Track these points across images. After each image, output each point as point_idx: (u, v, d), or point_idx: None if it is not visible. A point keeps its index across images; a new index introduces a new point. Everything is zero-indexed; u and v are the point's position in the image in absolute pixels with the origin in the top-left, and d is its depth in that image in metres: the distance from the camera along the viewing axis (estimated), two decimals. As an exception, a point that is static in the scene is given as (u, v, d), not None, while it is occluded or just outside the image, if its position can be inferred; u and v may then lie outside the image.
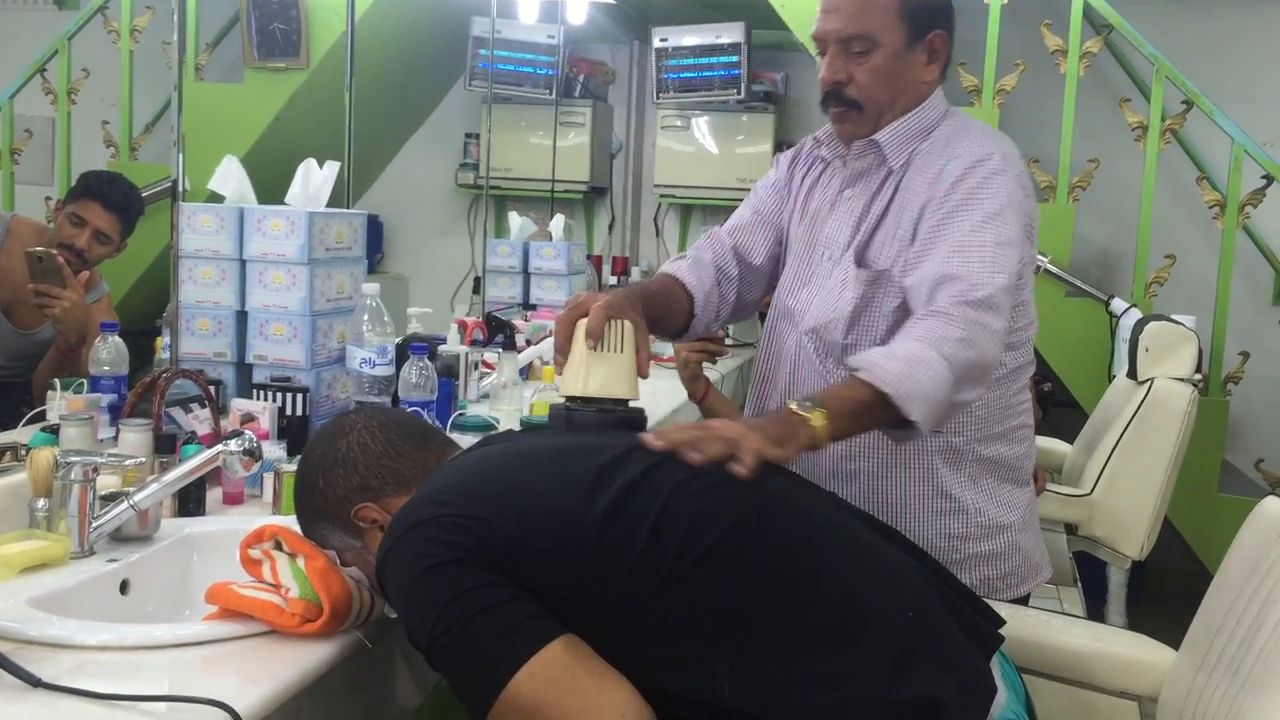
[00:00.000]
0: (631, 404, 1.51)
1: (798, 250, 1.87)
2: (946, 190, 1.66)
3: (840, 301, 1.74)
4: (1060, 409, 4.24)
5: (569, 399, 1.51)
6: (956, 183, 1.66)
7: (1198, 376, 2.77)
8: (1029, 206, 1.72)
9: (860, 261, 1.74)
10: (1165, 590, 3.90)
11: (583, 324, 1.52)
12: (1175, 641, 1.72)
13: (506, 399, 2.86)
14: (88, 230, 2.54)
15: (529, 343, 3.55)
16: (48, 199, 4.29)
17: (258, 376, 2.30)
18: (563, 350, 1.54)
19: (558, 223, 4.53)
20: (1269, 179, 3.95)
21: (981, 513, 1.78)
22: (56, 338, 2.31)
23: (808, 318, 1.80)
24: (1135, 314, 3.60)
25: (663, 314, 1.77)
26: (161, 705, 1.16)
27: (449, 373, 2.76)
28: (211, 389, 2.11)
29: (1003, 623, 1.38)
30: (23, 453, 1.72)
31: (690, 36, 4.79)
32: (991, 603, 1.47)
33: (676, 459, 1.32)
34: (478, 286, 4.19)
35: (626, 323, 1.53)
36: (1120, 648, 1.80)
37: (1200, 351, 2.79)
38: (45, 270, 2.27)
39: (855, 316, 1.72)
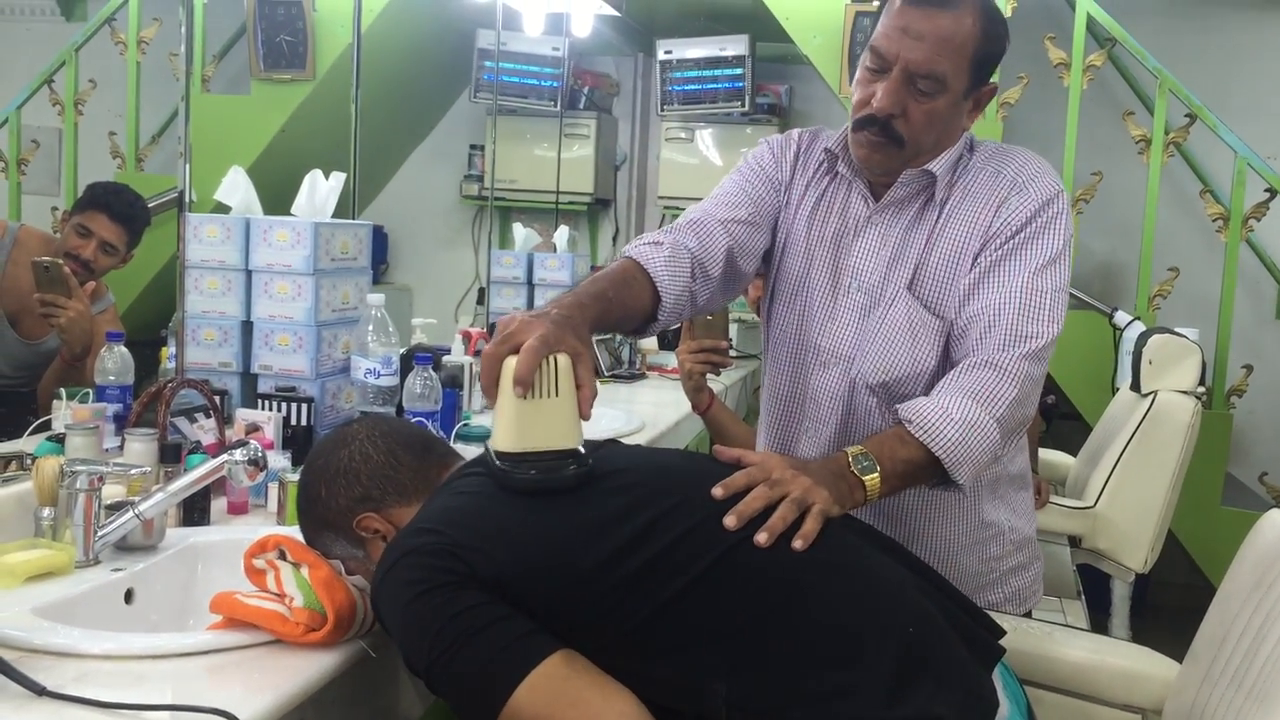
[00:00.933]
0: (578, 450, 1.31)
1: (810, 274, 1.71)
2: (1016, 228, 1.60)
3: (919, 354, 1.63)
4: (1064, 421, 4.23)
5: (500, 455, 1.30)
6: (1027, 222, 1.60)
7: (1201, 389, 2.77)
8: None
9: (927, 306, 1.63)
10: (1168, 603, 3.90)
11: (508, 365, 1.28)
12: (1178, 654, 1.72)
13: (510, 410, 2.86)
14: (94, 241, 2.55)
15: (533, 354, 3.55)
16: (54, 209, 4.30)
17: (263, 386, 2.31)
18: (489, 392, 1.31)
19: (562, 234, 4.53)
20: (1272, 192, 3.95)
21: (1014, 529, 1.77)
22: (61, 347, 2.32)
23: (868, 369, 1.66)
24: (1138, 327, 3.60)
25: (618, 320, 1.54)
26: (165, 714, 1.16)
27: (453, 383, 2.76)
28: (217, 399, 2.12)
29: (1003, 634, 1.38)
30: (28, 462, 1.73)
31: (695, 49, 4.80)
32: (1005, 616, 1.47)
33: (668, 479, 1.32)
34: (482, 297, 4.19)
35: (562, 357, 1.29)
36: (1123, 660, 1.80)
37: (1204, 364, 2.79)
38: (51, 280, 2.27)
39: (938, 375, 1.62)
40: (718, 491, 1.30)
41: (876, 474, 1.42)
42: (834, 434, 1.70)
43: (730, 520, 1.26)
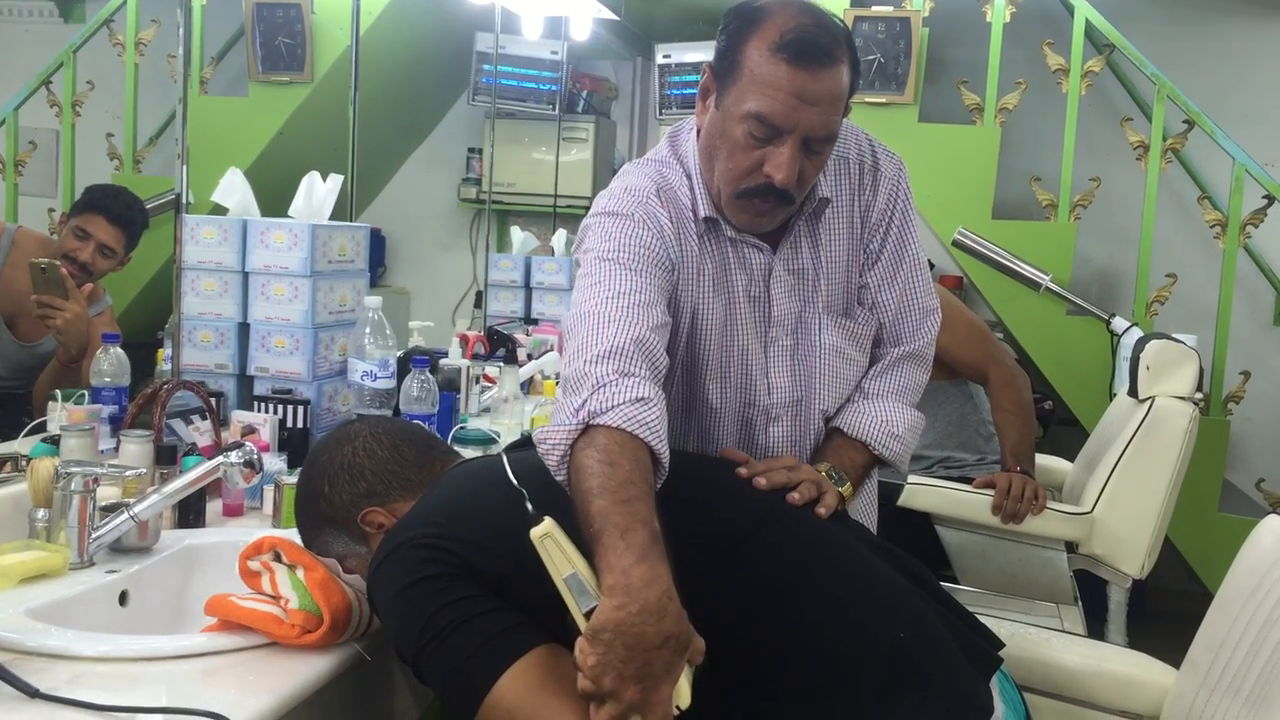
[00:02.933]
0: None
1: (745, 338, 1.60)
2: (885, 214, 1.64)
3: (859, 366, 1.67)
4: (1061, 427, 4.24)
5: None
6: (889, 206, 1.64)
7: (1199, 395, 2.77)
8: None
9: (845, 313, 1.63)
10: (1165, 609, 3.89)
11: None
12: (1175, 661, 1.72)
13: (508, 413, 2.86)
14: (92, 244, 2.54)
15: (530, 357, 3.55)
16: (51, 211, 4.29)
17: (259, 388, 2.30)
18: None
19: (560, 238, 4.53)
20: (1270, 199, 3.95)
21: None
22: (58, 349, 2.32)
23: (829, 401, 1.63)
24: (1136, 332, 3.60)
25: None
26: (160, 717, 1.16)
27: (450, 386, 2.76)
28: (212, 401, 2.12)
29: (1002, 645, 1.38)
30: (23, 463, 1.73)
31: (693, 53, 4.80)
32: (1003, 621, 1.47)
33: (667, 480, 1.32)
34: (479, 301, 4.19)
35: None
36: (1121, 666, 1.80)
37: (1201, 370, 2.79)
38: (49, 281, 2.27)
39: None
40: (742, 471, 1.38)
41: (848, 484, 1.57)
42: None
43: (761, 481, 1.37)
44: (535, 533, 1.15)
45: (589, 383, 1.31)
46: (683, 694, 1.10)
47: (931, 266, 4.65)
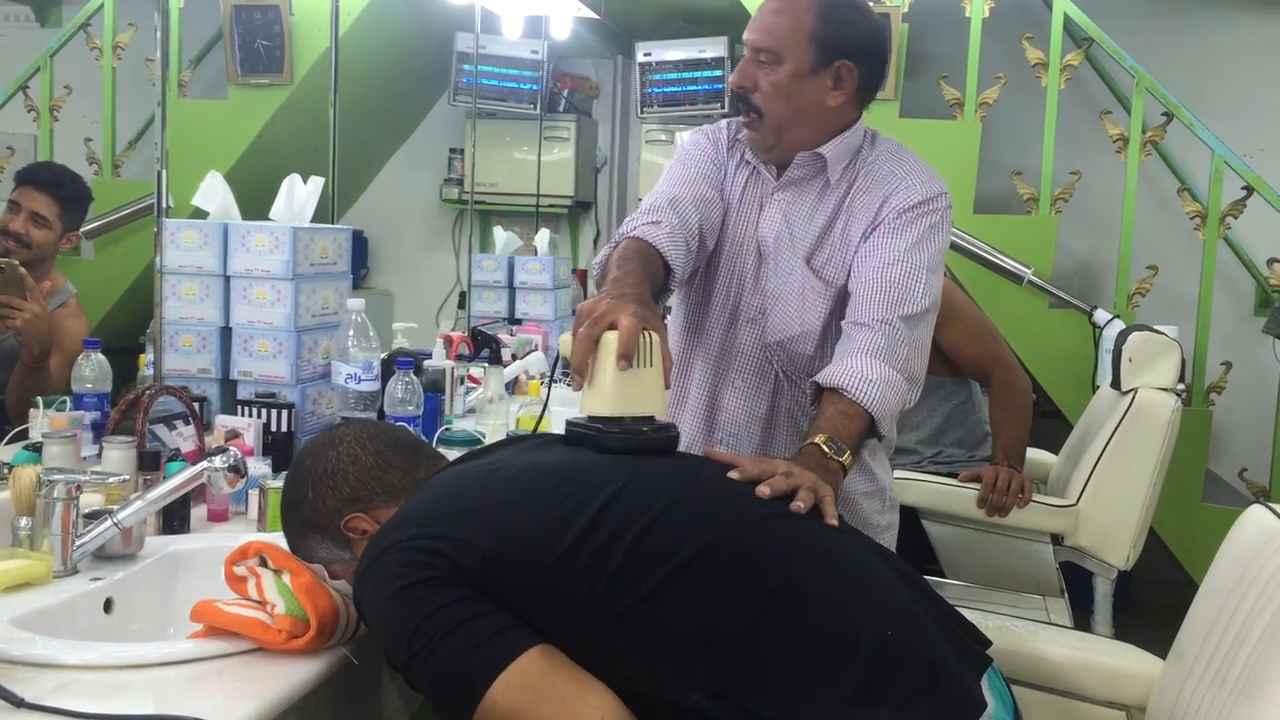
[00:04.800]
0: (659, 419, 1.42)
1: (737, 246, 1.88)
2: (900, 212, 1.78)
3: (806, 316, 1.82)
4: (1045, 419, 4.25)
5: (595, 419, 1.39)
6: (910, 208, 1.79)
7: (1181, 386, 2.78)
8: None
9: (817, 274, 1.82)
10: (1151, 600, 3.92)
11: (608, 339, 1.39)
12: (1161, 651, 1.72)
13: (493, 413, 2.86)
14: (24, 213, 2.53)
15: (515, 357, 3.55)
16: (30, 216, 4.27)
17: (242, 393, 2.29)
18: (582, 369, 1.40)
19: (543, 237, 4.53)
20: (1249, 190, 3.98)
21: (889, 490, 1.95)
22: (20, 350, 2.29)
23: (769, 329, 1.84)
24: (1118, 325, 3.62)
25: (652, 295, 1.64)
26: (146, 724, 1.15)
27: (435, 388, 2.76)
28: (195, 405, 2.11)
29: (989, 644, 1.38)
30: (5, 471, 1.71)
31: (674, 51, 4.80)
32: (990, 614, 1.48)
33: (652, 476, 1.32)
34: (463, 301, 4.19)
35: (655, 335, 1.41)
36: (1107, 658, 1.81)
37: (1183, 361, 2.80)
38: (6, 281, 2.24)
39: (825, 335, 1.83)
40: (735, 475, 1.37)
41: (848, 453, 1.58)
42: (753, 384, 1.87)
43: (764, 490, 1.35)
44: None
45: (629, 224, 1.74)
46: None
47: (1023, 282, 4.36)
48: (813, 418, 1.67)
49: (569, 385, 1.49)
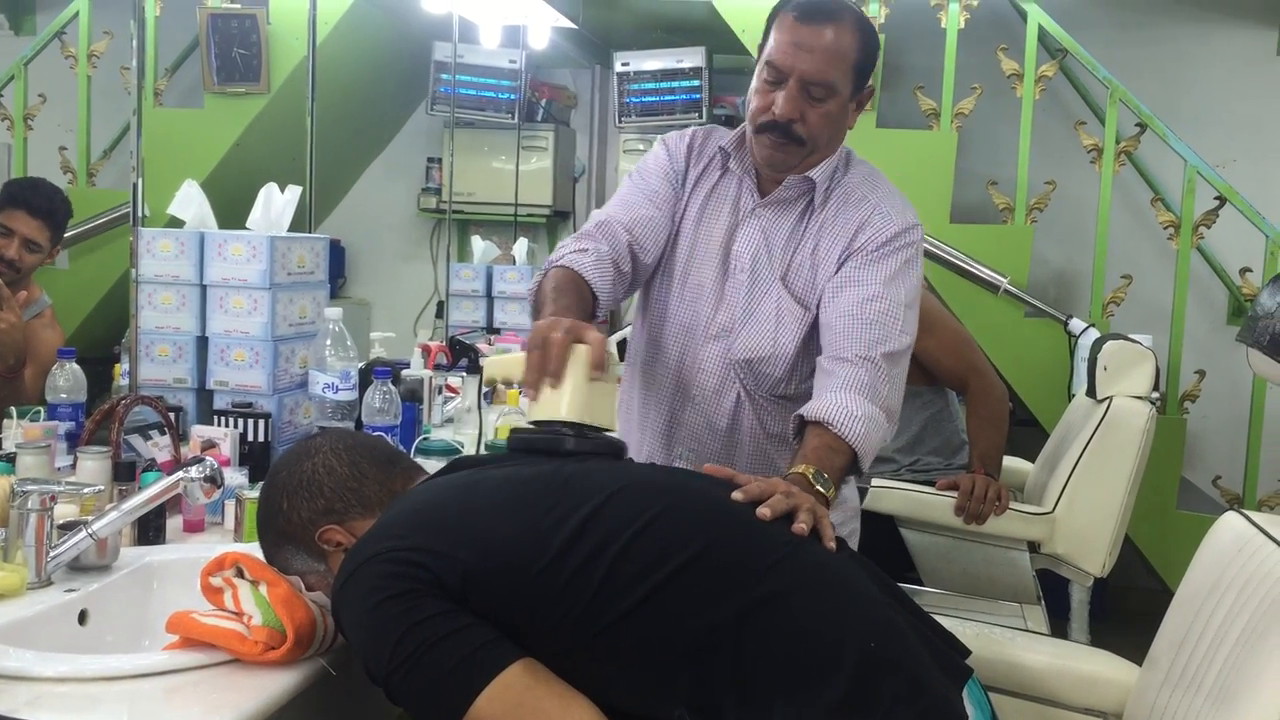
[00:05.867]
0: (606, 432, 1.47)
1: (701, 259, 1.87)
2: (877, 245, 1.80)
3: (780, 338, 1.83)
4: (1021, 428, 4.26)
5: (554, 423, 1.43)
6: (886, 242, 1.81)
7: (1155, 395, 2.80)
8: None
9: (795, 297, 1.83)
10: (1127, 607, 3.94)
11: (580, 350, 1.45)
12: (1137, 658, 1.73)
13: (471, 423, 2.85)
14: (16, 239, 2.51)
15: (493, 367, 3.54)
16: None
17: (219, 402, 2.28)
18: (557, 375, 1.44)
19: (521, 246, 4.53)
20: (1221, 200, 4.01)
21: (850, 499, 1.97)
22: None
23: (738, 346, 1.84)
24: (1093, 333, 3.64)
25: None
26: (122, 737, 1.14)
27: (413, 397, 2.75)
28: (171, 415, 2.09)
29: (969, 654, 1.38)
30: (-22, 482, 1.70)
31: (651, 61, 4.81)
32: (967, 621, 1.48)
33: (637, 487, 1.32)
34: (441, 311, 4.18)
35: (614, 354, 1.51)
36: (1084, 665, 1.82)
37: (1157, 370, 2.82)
38: None
39: (797, 358, 1.84)
40: (739, 495, 1.37)
41: (832, 487, 1.57)
42: (712, 401, 1.86)
43: (765, 511, 1.34)
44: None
45: (560, 250, 1.78)
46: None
47: (999, 291, 4.40)
48: (796, 450, 1.65)
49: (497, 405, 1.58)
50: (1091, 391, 2.79)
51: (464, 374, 3.19)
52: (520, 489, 1.32)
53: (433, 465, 1.55)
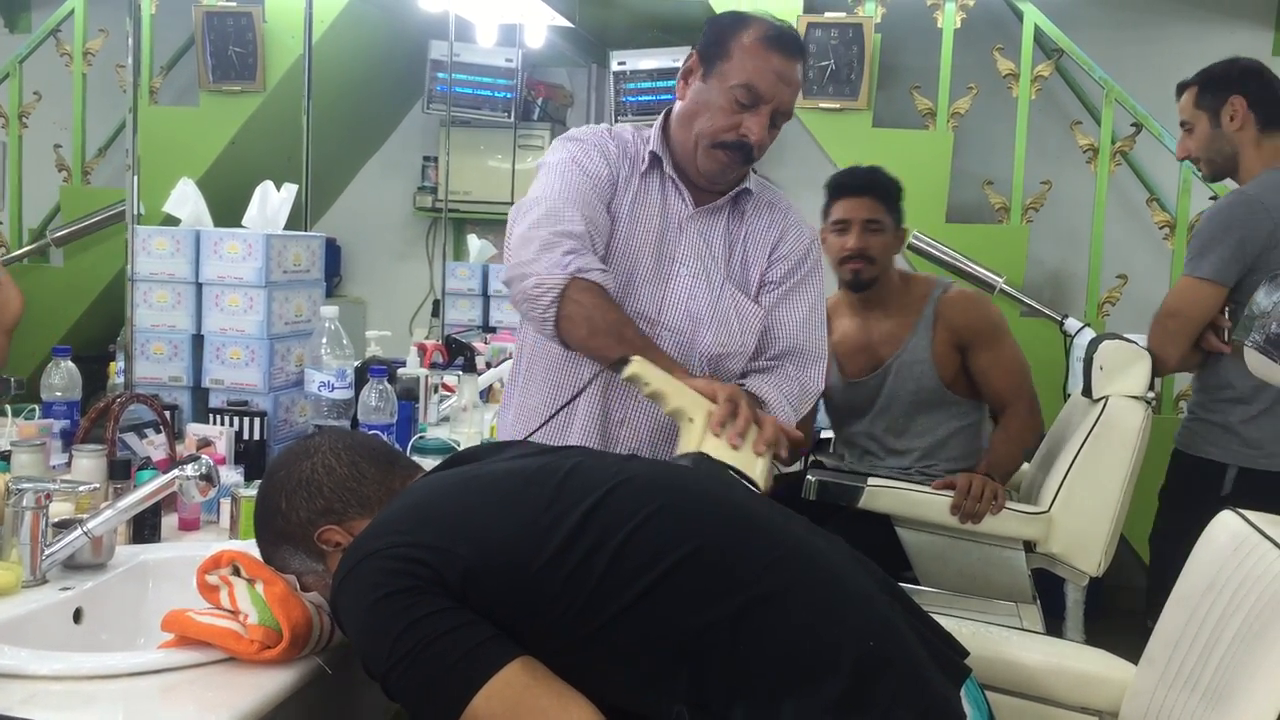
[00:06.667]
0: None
1: (642, 258, 1.91)
2: (797, 261, 1.98)
3: (744, 337, 1.94)
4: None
5: (715, 461, 1.60)
6: (803, 259, 1.99)
7: (1151, 394, 2.80)
8: None
9: (749, 296, 1.96)
10: (1121, 606, 3.94)
11: (769, 425, 1.67)
12: (1132, 657, 1.73)
13: (467, 421, 2.85)
14: None
15: (489, 365, 3.54)
16: (-1, 223, 4.23)
17: (214, 401, 2.28)
18: (742, 434, 1.63)
19: (517, 245, 4.51)
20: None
21: None
22: None
23: (709, 343, 1.91)
24: (1089, 333, 3.64)
25: None
26: (117, 735, 1.14)
27: (409, 396, 2.75)
28: (167, 414, 2.09)
29: (967, 654, 1.38)
30: (-27, 480, 1.69)
31: (648, 60, 4.81)
32: (963, 621, 1.48)
33: (636, 483, 1.32)
34: (437, 309, 4.17)
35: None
36: (1080, 663, 1.82)
37: (1153, 369, 2.82)
38: None
39: (756, 353, 1.97)
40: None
41: None
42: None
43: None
44: (630, 369, 1.63)
45: (563, 246, 1.77)
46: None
47: (994, 290, 4.57)
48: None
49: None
50: (1087, 391, 2.79)
51: (460, 373, 3.19)
52: (519, 485, 1.32)
53: (429, 464, 1.54)
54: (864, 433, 2.93)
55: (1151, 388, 2.79)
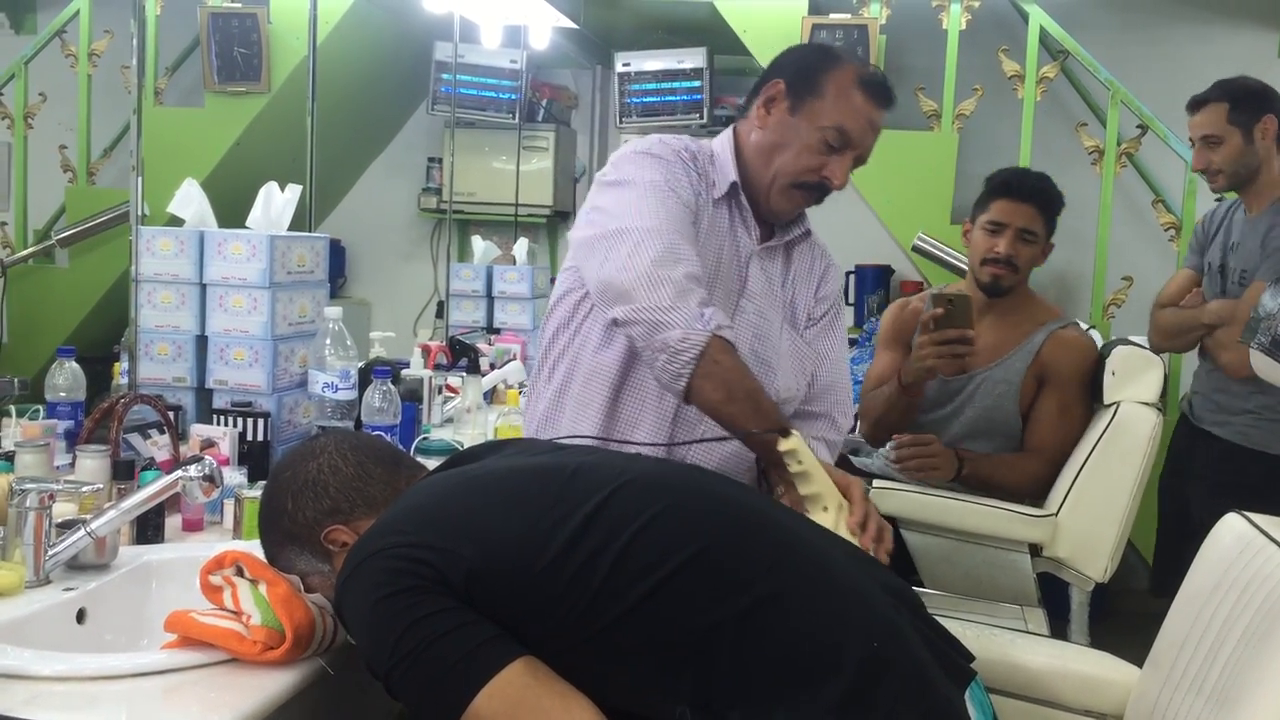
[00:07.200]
0: None
1: (723, 291, 1.82)
2: (833, 303, 1.98)
3: (802, 381, 1.91)
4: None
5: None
6: (839, 295, 2.01)
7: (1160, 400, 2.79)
8: None
9: (803, 340, 1.92)
10: (1126, 609, 3.93)
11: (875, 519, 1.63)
12: (1137, 660, 1.73)
13: (470, 423, 2.85)
14: None
15: (493, 366, 3.54)
16: (3, 225, 4.24)
17: (218, 402, 2.28)
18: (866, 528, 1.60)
19: (521, 246, 4.52)
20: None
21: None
22: None
23: (777, 385, 1.84)
24: (1095, 336, 3.63)
25: None
26: (119, 736, 1.14)
27: (412, 397, 2.75)
28: (171, 414, 2.09)
29: (973, 658, 1.38)
30: (-23, 480, 1.69)
31: (653, 61, 4.81)
32: (968, 623, 1.48)
33: (640, 483, 1.31)
34: (441, 311, 4.17)
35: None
36: (1085, 666, 1.81)
37: (1166, 376, 2.81)
38: None
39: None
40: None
41: None
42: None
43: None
44: (789, 444, 1.58)
45: (696, 295, 1.65)
46: None
47: (891, 272, 4.75)
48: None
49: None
50: (1098, 395, 2.78)
51: (464, 374, 3.19)
52: (524, 484, 1.32)
53: (432, 465, 1.54)
54: (916, 426, 2.82)
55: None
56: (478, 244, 4.48)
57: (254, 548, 1.48)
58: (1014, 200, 2.78)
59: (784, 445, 1.58)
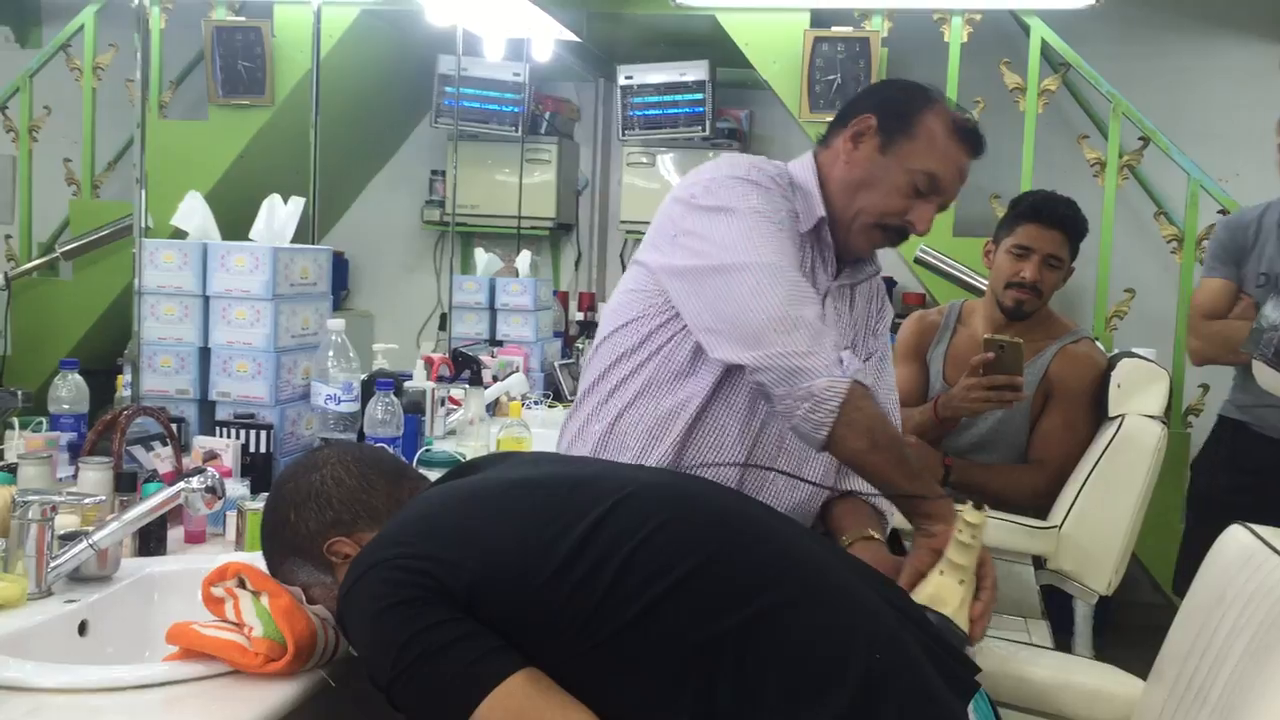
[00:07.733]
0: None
1: None
2: (887, 330, 1.95)
3: None
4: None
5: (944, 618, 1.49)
6: (890, 326, 1.98)
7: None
8: None
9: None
10: (1130, 621, 3.92)
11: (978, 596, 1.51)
12: (1141, 673, 1.73)
13: (473, 435, 2.85)
14: None
15: (495, 379, 3.54)
16: (8, 237, 4.25)
17: (221, 414, 2.28)
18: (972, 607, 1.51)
19: (524, 259, 4.53)
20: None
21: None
22: None
23: None
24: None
25: None
26: (121, 748, 1.14)
27: (415, 409, 2.75)
28: (173, 426, 2.09)
29: (978, 670, 1.38)
30: (-20, 492, 1.69)
31: (655, 74, 4.82)
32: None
33: (642, 494, 1.31)
34: (444, 323, 4.18)
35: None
36: (1089, 678, 1.81)
37: (1171, 388, 2.80)
38: None
39: None
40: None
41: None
42: (796, 469, 1.77)
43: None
44: (977, 517, 1.49)
45: (829, 338, 1.61)
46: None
47: (894, 284, 4.76)
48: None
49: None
50: (1103, 408, 2.77)
51: (466, 386, 3.19)
52: (526, 496, 1.32)
53: (435, 477, 1.54)
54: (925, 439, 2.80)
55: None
56: (480, 256, 4.48)
57: (256, 559, 1.48)
58: (1042, 226, 2.78)
59: (975, 518, 1.49)
